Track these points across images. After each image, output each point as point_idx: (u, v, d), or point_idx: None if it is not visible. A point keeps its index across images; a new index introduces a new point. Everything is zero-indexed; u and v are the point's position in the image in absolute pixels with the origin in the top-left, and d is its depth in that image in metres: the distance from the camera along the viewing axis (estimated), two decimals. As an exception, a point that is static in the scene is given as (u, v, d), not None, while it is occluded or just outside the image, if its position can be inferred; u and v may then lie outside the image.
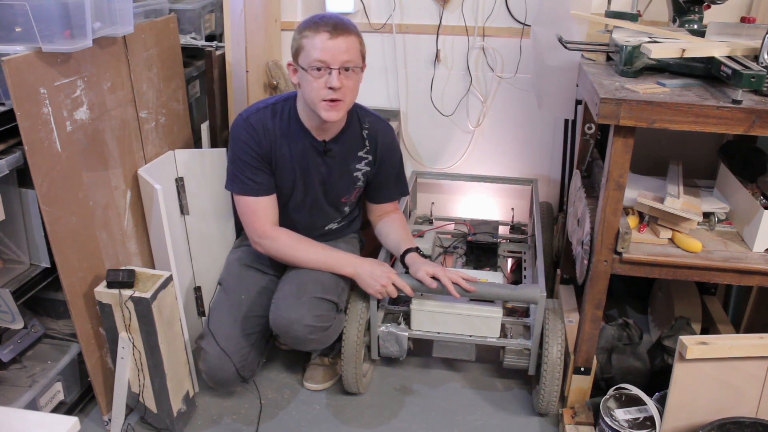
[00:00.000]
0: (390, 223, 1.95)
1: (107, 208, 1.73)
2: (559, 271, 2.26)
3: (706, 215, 1.69)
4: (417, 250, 1.85)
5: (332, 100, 1.64)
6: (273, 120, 1.76)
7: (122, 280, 1.59)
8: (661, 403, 1.60)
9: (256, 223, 1.79)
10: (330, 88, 1.61)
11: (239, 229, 2.13)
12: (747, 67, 1.39)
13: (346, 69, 1.63)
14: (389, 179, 1.94)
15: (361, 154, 1.86)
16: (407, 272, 1.81)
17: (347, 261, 1.81)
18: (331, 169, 1.83)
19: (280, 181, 1.82)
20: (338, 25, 1.61)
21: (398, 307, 1.93)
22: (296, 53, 1.66)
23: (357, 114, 1.83)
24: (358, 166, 1.87)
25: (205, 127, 2.17)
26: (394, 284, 1.76)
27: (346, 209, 1.96)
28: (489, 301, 1.82)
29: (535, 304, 1.76)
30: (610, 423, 1.61)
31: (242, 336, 1.78)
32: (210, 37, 2.24)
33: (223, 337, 1.76)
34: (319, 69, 1.61)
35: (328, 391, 1.98)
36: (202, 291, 2.09)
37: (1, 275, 1.57)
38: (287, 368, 2.07)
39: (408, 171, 2.04)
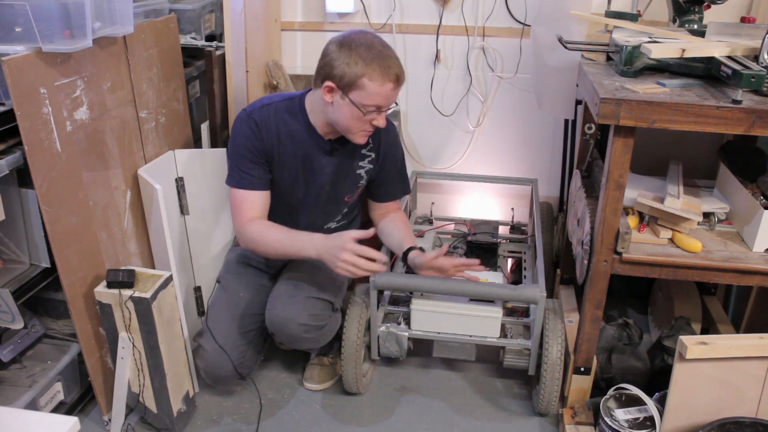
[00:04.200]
0: (392, 222, 1.96)
1: (107, 208, 1.73)
2: (559, 271, 2.26)
3: (706, 215, 1.69)
4: (420, 249, 1.85)
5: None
6: (277, 117, 1.76)
7: (122, 280, 1.59)
8: (661, 403, 1.60)
9: (239, 216, 1.77)
10: (375, 125, 1.68)
11: (239, 229, 2.14)
12: (747, 67, 1.39)
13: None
14: (392, 177, 1.94)
15: (364, 152, 1.86)
16: (407, 272, 1.81)
17: (310, 244, 1.70)
18: (336, 168, 1.84)
19: (281, 178, 1.81)
20: (401, 74, 1.65)
21: (398, 307, 1.93)
22: (348, 85, 1.61)
23: None
24: (361, 164, 1.87)
25: (205, 127, 2.17)
26: (359, 255, 1.61)
27: (347, 208, 1.96)
28: (489, 301, 1.82)
29: (535, 304, 1.76)
30: (610, 423, 1.61)
31: (240, 333, 1.79)
32: (210, 37, 2.24)
33: (221, 334, 1.76)
34: (372, 111, 1.65)
35: (327, 391, 1.98)
36: (202, 291, 2.09)
37: (1, 275, 1.57)
38: (287, 368, 2.07)
39: (408, 171, 2.04)
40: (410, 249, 1.83)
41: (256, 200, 1.78)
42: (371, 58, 1.60)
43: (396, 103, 1.75)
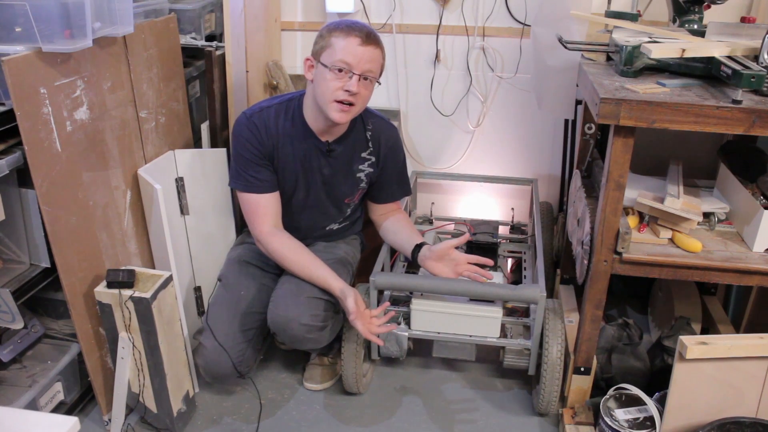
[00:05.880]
0: (396, 222, 1.96)
1: (107, 208, 1.73)
2: (559, 271, 2.26)
3: (706, 215, 1.69)
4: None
5: (344, 102, 1.66)
6: (276, 120, 1.77)
7: (122, 280, 1.59)
8: (661, 403, 1.60)
9: (256, 222, 1.81)
10: (347, 91, 1.64)
11: (239, 229, 2.14)
12: (747, 67, 1.39)
13: (365, 78, 1.66)
14: (392, 180, 1.94)
15: (364, 155, 1.86)
16: (407, 272, 1.80)
17: (328, 289, 1.76)
18: (334, 170, 1.84)
19: (282, 180, 1.82)
20: (370, 35, 1.66)
21: (398, 307, 1.93)
22: (320, 50, 1.67)
23: (361, 115, 1.82)
24: (361, 167, 1.87)
25: (205, 127, 2.17)
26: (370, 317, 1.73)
27: (349, 210, 1.96)
28: (489, 301, 1.82)
29: (535, 304, 1.76)
30: (610, 423, 1.61)
31: (240, 331, 1.79)
32: (210, 37, 2.24)
33: (221, 332, 1.76)
34: (341, 70, 1.63)
35: (328, 391, 1.98)
36: (202, 291, 2.09)
37: (1, 275, 1.57)
38: (287, 368, 2.07)
39: (408, 171, 2.04)
40: (422, 244, 1.84)
41: (268, 204, 1.80)
42: (340, 23, 1.67)
43: (378, 79, 1.73)
